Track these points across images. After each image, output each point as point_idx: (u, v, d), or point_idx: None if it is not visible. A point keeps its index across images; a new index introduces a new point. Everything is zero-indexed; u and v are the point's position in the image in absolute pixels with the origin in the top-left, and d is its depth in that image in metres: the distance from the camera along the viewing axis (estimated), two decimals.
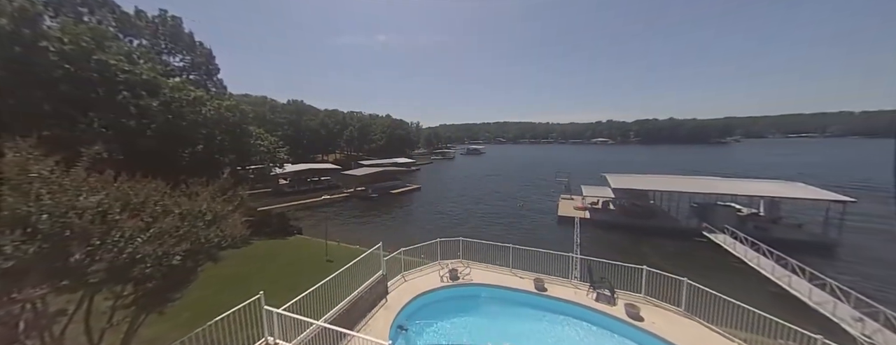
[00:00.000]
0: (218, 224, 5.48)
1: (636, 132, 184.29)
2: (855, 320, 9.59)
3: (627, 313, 8.16)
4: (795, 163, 65.23)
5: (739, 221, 20.48)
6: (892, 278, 14.77)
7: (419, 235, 18.47)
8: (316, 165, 50.37)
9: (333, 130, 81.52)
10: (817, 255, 16.62)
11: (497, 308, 9.37)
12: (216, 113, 16.68)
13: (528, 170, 65.47)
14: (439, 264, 11.10)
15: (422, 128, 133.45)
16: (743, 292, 8.77)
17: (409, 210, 32.07)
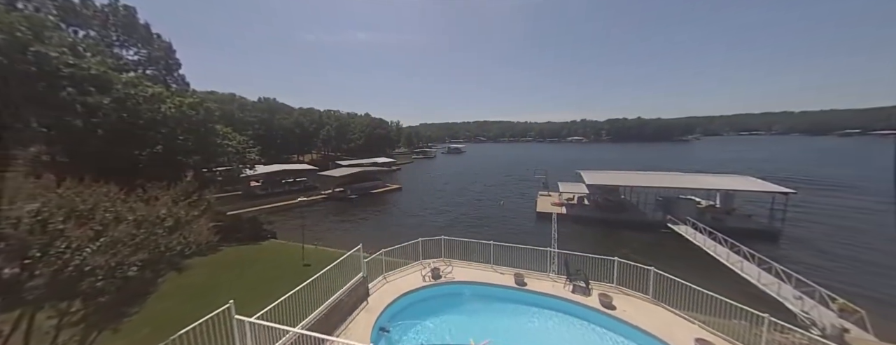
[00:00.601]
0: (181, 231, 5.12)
1: (607, 131, 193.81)
2: (796, 298, 10.72)
3: (601, 303, 8.60)
4: (746, 158, 71.67)
5: (699, 213, 22.18)
6: (825, 260, 16.68)
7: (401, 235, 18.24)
8: (291, 165, 48.32)
9: (309, 129, 78.66)
10: (765, 241, 18.39)
11: (479, 305, 9.51)
12: (177, 111, 15.52)
13: (507, 168, 66.79)
14: (421, 263, 11.07)
15: (402, 127, 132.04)
16: (703, 277, 9.53)
17: (390, 210, 31.67)
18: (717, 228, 17.19)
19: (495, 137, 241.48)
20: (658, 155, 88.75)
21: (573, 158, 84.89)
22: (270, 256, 15.97)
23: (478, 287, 9.96)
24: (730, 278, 13.35)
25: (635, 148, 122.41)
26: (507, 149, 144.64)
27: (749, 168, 47.75)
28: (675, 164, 61.19)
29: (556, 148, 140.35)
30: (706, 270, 14.54)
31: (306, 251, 15.52)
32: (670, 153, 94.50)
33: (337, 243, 17.98)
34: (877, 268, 15.57)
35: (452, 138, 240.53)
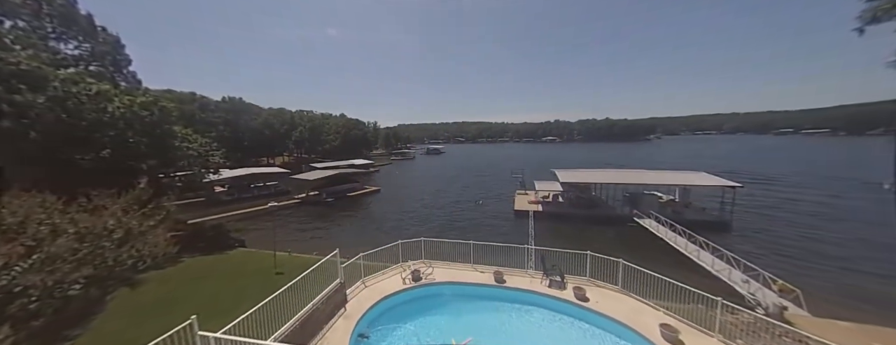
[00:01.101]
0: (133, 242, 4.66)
1: (579, 131, 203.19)
2: (744, 282, 11.86)
3: (575, 296, 8.99)
4: (700, 156, 78.22)
5: (661, 207, 23.88)
6: (767, 246, 18.62)
7: (380, 238, 17.93)
8: (260, 169, 45.80)
9: (280, 130, 75.07)
10: (717, 231, 20.18)
11: (460, 305, 9.57)
12: (128, 111, 14.17)
13: (486, 167, 67.88)
14: (401, 266, 10.95)
15: (379, 128, 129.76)
16: (666, 266, 10.28)
17: (368, 213, 30.97)
18: (676, 220, 18.62)
19: (474, 138, 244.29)
20: (625, 153, 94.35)
21: (548, 157, 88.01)
22: (238, 266, 15.02)
23: (458, 287, 10.03)
24: (689, 266, 14.49)
25: (604, 147, 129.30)
26: (486, 149, 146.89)
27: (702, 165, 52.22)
28: (639, 161, 65.44)
29: (531, 148, 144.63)
30: (668, 259, 15.66)
31: (279, 259, 14.78)
32: (635, 152, 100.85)
33: (312, 249, 17.29)
34: (806, 251, 17.64)
35: (431, 139, 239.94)
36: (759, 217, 24.35)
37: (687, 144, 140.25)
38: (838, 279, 14.11)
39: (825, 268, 15.40)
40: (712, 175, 25.93)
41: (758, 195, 30.96)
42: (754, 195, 30.51)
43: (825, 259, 16.45)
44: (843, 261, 16.11)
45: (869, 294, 12.63)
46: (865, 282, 13.83)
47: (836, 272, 14.88)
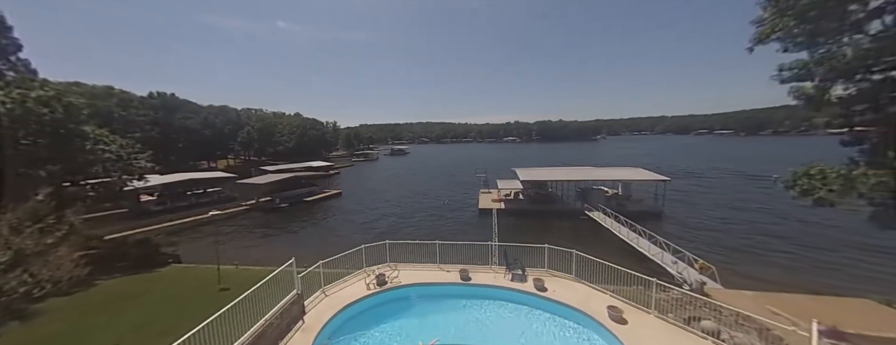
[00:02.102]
0: (26, 266, 3.83)
1: (537, 131, 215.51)
2: (673, 262, 13.67)
3: (535, 287, 9.53)
4: (637, 153, 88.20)
5: (607, 201, 26.42)
6: (689, 230, 21.64)
7: (342, 244, 17.08)
8: (199, 174, 40.79)
9: (223, 130, 67.57)
10: (652, 220, 22.94)
11: (427, 306, 9.56)
12: (18, 107, 11.62)
13: (451, 167, 68.60)
14: (365, 271, 10.59)
15: (340, 128, 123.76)
16: (612, 254, 11.40)
17: (328, 219, 29.34)
18: (620, 212, 20.78)
19: (438, 138, 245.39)
20: (577, 152, 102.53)
21: (509, 156, 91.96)
22: (173, 285, 13.22)
23: (425, 288, 10.01)
24: (631, 252, 16.27)
25: (559, 146, 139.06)
26: (451, 149, 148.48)
27: (639, 162, 58.91)
28: (589, 159, 71.65)
29: (494, 148, 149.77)
30: (614, 247, 17.42)
31: (224, 273, 13.31)
32: (585, 150, 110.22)
33: (265, 260, 15.90)
34: (717, 234, 20.93)
35: (395, 139, 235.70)
36: (684, 206, 28.25)
37: (627, 143, 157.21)
38: (742, 256, 16.97)
39: (732, 247, 18.41)
40: (647, 171, 29.39)
41: (680, 187, 35.90)
42: (678, 187, 35.30)
43: (731, 240, 19.69)
44: (744, 241, 19.44)
45: (764, 268, 15.41)
46: (762, 258, 16.85)
47: (741, 251, 17.88)
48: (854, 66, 7.09)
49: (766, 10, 7.79)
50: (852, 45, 7.09)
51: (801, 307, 9.36)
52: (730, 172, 47.84)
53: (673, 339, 7.24)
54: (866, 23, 7.02)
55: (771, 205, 26.66)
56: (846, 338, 8.06)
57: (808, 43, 7.54)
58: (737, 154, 76.79)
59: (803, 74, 7.78)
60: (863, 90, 7.35)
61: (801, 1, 6.96)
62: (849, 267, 15.05)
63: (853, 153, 7.91)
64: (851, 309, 9.68)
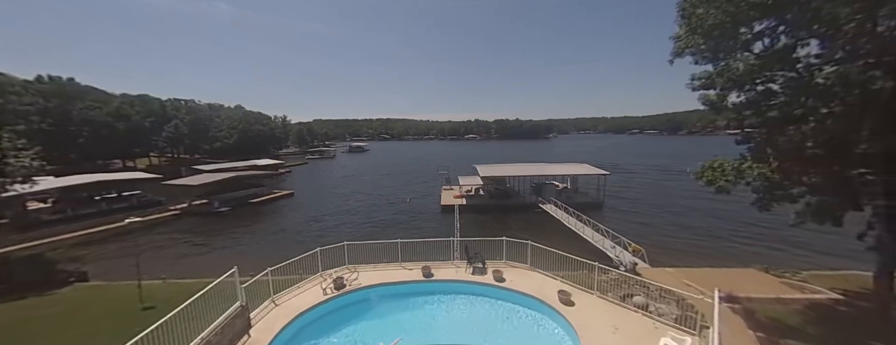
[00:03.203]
0: None
1: (496, 129, 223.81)
2: (611, 247, 15.38)
3: (494, 278, 9.97)
4: (582, 151, 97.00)
5: (558, 194, 28.67)
6: (623, 218, 24.50)
7: (295, 248, 15.85)
8: (112, 175, 34.38)
9: (143, 124, 57.81)
10: (595, 210, 25.51)
11: (389, 306, 9.40)
12: None
13: (413, 165, 67.90)
14: (321, 275, 10.02)
15: (290, 123, 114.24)
16: (562, 243, 12.38)
17: (278, 222, 27.00)
18: (569, 204, 22.69)
19: (399, 135, 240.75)
20: (532, 149, 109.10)
21: (470, 153, 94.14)
22: (77, 309, 11.04)
23: (386, 288, 9.82)
24: (578, 240, 17.88)
25: (516, 144, 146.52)
26: (412, 147, 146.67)
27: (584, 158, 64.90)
28: (543, 156, 76.71)
29: (455, 145, 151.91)
30: (564, 236, 18.98)
31: (148, 290, 11.49)
32: (540, 148, 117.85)
33: (202, 272, 14.07)
34: (646, 220, 24.10)
35: (354, 136, 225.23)
36: (620, 196, 31.90)
37: (574, 141, 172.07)
38: (665, 238, 19.76)
39: (657, 231, 21.34)
40: (591, 166, 32.48)
41: (617, 180, 40.44)
42: (615, 181, 39.68)
43: (657, 224, 22.81)
44: (666, 225, 22.66)
45: (681, 247, 18.15)
46: (679, 239, 19.80)
47: (664, 234, 20.80)
48: (744, 78, 8.65)
49: (682, 29, 9.07)
50: (743, 61, 8.63)
51: (707, 279, 11.25)
52: (654, 167, 55.24)
53: (611, 315, 8.16)
54: (752, 43, 8.58)
55: (685, 194, 31.45)
56: (738, 301, 9.87)
57: (711, 58, 8.98)
58: (660, 151, 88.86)
59: (708, 84, 9.25)
60: (750, 98, 9.01)
61: (707, 22, 8.24)
62: (741, 244, 18.50)
63: (743, 150, 9.68)
64: (742, 277, 11.93)
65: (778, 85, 8.68)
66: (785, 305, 9.85)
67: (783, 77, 8.56)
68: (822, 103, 7.77)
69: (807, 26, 7.65)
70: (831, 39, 7.72)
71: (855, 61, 7.53)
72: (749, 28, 8.36)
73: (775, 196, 8.76)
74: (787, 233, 16.93)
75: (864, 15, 6.94)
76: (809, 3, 7.13)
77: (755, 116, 8.89)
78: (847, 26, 7.25)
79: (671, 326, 7.61)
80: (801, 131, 7.83)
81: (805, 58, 8.23)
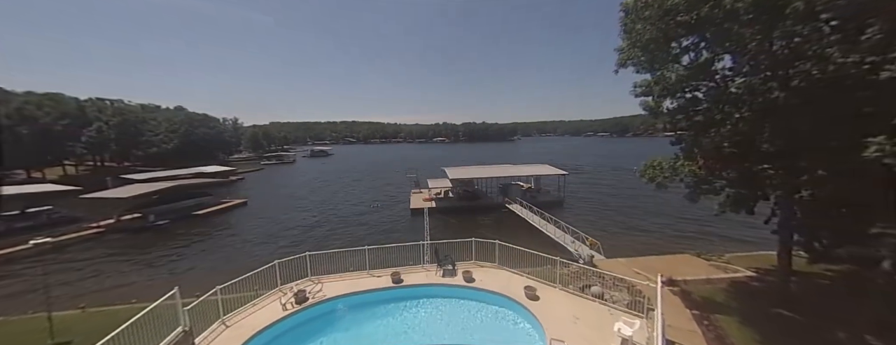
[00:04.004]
0: None
1: (464, 132, 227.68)
2: (571, 242, 16.40)
3: (464, 278, 10.07)
4: (544, 152, 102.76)
5: (523, 194, 29.95)
6: (581, 214, 26.30)
7: (249, 263, 14.53)
8: (13, 188, 28.64)
9: (54, 127, 49.18)
10: (556, 208, 27.07)
11: (356, 316, 9.01)
12: None
13: (381, 169, 66.25)
14: (280, 290, 9.32)
15: (242, 126, 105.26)
16: (527, 240, 12.96)
17: (229, 234, 24.58)
18: (533, 203, 23.79)
19: (366, 138, 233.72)
20: (498, 151, 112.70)
21: (439, 156, 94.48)
22: None
23: (353, 298, 9.42)
24: (542, 237, 18.80)
25: (483, 146, 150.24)
26: (379, 150, 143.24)
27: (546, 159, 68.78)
28: (508, 158, 79.61)
29: (424, 148, 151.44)
30: (529, 234, 19.84)
31: (62, 322, 9.74)
32: (505, 150, 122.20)
33: (133, 296, 12.29)
34: (602, 215, 26.16)
35: (316, 140, 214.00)
36: (577, 194, 34.27)
37: (536, 143, 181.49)
38: (618, 231, 21.58)
39: (611, 224, 23.24)
40: (552, 166, 34.45)
41: (575, 179, 43.46)
42: (573, 180, 42.60)
43: (610, 218, 24.86)
44: (618, 219, 24.79)
45: (631, 238, 19.94)
46: (630, 232, 21.75)
47: (617, 227, 22.71)
48: (675, 86, 9.84)
49: (624, 42, 10.08)
50: (674, 71, 9.82)
51: (652, 266, 12.49)
52: (607, 167, 60.32)
53: (572, 306, 8.69)
54: (681, 56, 9.81)
55: (632, 191, 34.73)
56: (677, 284, 11.06)
57: (649, 68, 10.08)
58: (610, 152, 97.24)
59: (647, 91, 10.37)
60: (680, 104, 10.28)
61: (644, 37, 9.26)
62: (678, 232, 20.87)
63: (677, 150, 10.98)
64: (679, 263, 13.44)
65: (702, 93, 10.02)
66: (713, 284, 11.31)
67: (705, 86, 9.90)
68: (735, 109, 9.13)
69: (721, 44, 8.94)
70: (740, 55, 9.12)
71: (757, 74, 8.98)
72: (678, 43, 9.55)
73: (702, 190, 10.05)
74: (714, 222, 19.44)
75: (763, 36, 8.31)
76: (722, 23, 8.34)
77: (685, 119, 10.14)
78: (750, 45, 8.61)
79: (623, 311, 8.31)
80: (720, 133, 9.11)
81: (721, 70, 9.61)
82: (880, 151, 5.13)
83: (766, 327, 8.79)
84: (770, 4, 7.39)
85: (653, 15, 8.75)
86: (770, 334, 8.53)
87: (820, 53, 7.73)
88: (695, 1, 8.01)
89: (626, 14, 9.77)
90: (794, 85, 8.27)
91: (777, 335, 8.46)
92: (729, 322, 9.08)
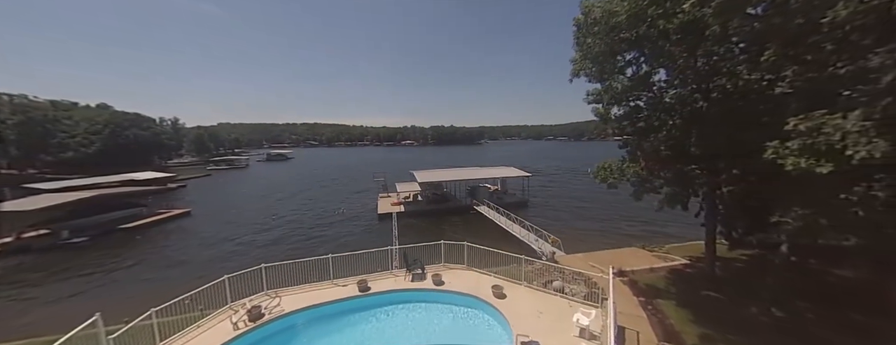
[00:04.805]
0: None
1: (432, 135, 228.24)
2: (535, 240, 17.23)
3: (433, 282, 10.06)
4: (509, 155, 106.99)
5: (490, 195, 30.80)
6: (543, 213, 27.77)
7: (193, 280, 12.94)
8: None
9: None
10: (522, 208, 28.27)
11: (319, 329, 8.53)
12: None
13: (346, 173, 63.64)
14: (230, 308, 8.49)
15: (184, 127, 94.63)
16: (495, 240, 13.33)
17: (169, 249, 21.80)
18: (499, 204, 24.57)
19: (330, 141, 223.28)
20: (467, 154, 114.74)
21: (407, 159, 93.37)
22: None
23: (316, 310, 8.91)
24: (508, 236, 19.47)
25: (451, 149, 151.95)
26: (345, 153, 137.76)
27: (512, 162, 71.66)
28: (477, 160, 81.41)
29: (392, 151, 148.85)
30: (497, 234, 20.43)
31: None
32: (473, 153, 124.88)
33: (42, 328, 10.33)
34: (561, 214, 27.87)
35: (274, 142, 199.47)
36: (540, 196, 36.16)
37: (502, 146, 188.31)
38: (576, 229, 23.13)
39: (571, 222, 24.84)
40: (517, 169, 35.97)
41: (538, 181, 45.84)
42: (537, 181, 44.89)
43: (569, 217, 26.58)
44: (576, 217, 26.60)
45: (588, 235, 21.48)
46: (586, 228, 23.41)
47: (576, 224, 24.32)
48: (621, 96, 10.92)
49: (577, 54, 10.95)
50: (620, 82, 10.90)
51: (606, 259, 13.60)
52: (566, 169, 64.59)
53: (536, 301, 9.12)
54: (625, 69, 10.92)
55: (586, 192, 37.55)
56: (626, 274, 12.13)
57: (598, 78, 11.06)
58: (569, 155, 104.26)
59: (597, 99, 11.37)
60: (625, 112, 11.42)
61: (594, 50, 10.16)
62: (628, 227, 22.98)
63: (624, 153, 12.15)
64: (628, 255, 14.80)
65: (643, 102, 11.23)
66: (655, 273, 12.64)
67: (646, 96, 11.12)
68: (669, 117, 10.37)
69: (657, 59, 10.14)
70: (672, 70, 10.42)
71: (686, 86, 10.32)
72: (622, 57, 10.62)
73: (645, 188, 11.22)
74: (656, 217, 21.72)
75: (689, 53, 9.59)
76: (657, 41, 9.48)
77: (629, 125, 11.27)
78: (679, 61, 9.88)
79: (581, 302, 8.92)
80: (658, 138, 10.28)
81: (658, 82, 10.88)
82: (775, 154, 6.19)
83: (698, 308, 10.03)
84: (694, 27, 8.57)
85: (601, 31, 9.65)
86: (700, 313, 9.75)
87: (732, 70, 9.14)
88: (634, 20, 9.00)
89: (578, 29, 10.63)
90: (714, 96, 9.66)
91: (706, 314, 9.69)
92: (668, 306, 10.20)
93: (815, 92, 6.84)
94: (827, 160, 5.44)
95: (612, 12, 9.16)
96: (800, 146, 5.83)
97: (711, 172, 10.17)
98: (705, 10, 7.14)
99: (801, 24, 6.04)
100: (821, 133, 5.55)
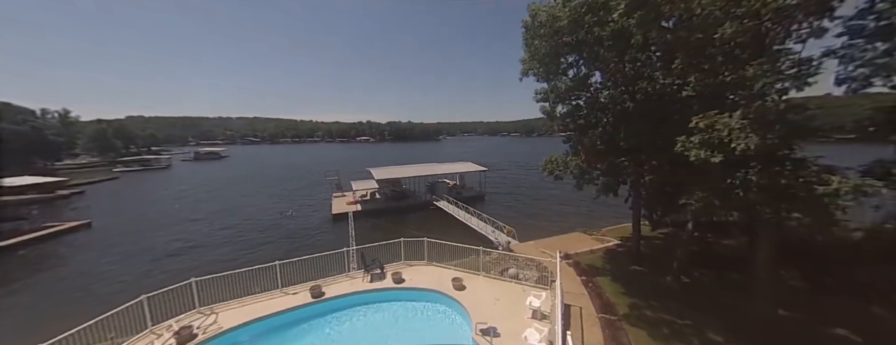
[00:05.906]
0: None
1: (389, 132, 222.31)
2: (492, 232, 18.03)
3: (393, 280, 9.91)
4: (467, 151, 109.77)
5: (449, 190, 31.27)
6: (487, 206, 29.19)
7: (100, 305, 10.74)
8: None
9: None
10: (479, 202, 29.30)
11: (266, 344, 7.81)
12: None
13: (294, 173, 58.62)
14: (152, 332, 7.32)
15: (78, 120, 77.56)
16: (454, 234, 13.61)
17: (64, 269, 17.76)
18: (458, 198, 25.11)
19: (273, 137, 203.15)
20: (425, 151, 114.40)
21: (363, 156, 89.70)
22: None
23: (261, 323, 8.14)
24: (467, 230, 20.05)
25: (409, 146, 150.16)
26: (292, 151, 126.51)
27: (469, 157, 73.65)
28: (435, 157, 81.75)
29: (346, 148, 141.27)
30: (456, 228, 20.88)
31: None
32: (432, 149, 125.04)
33: None
34: (513, 203, 29.61)
35: (203, 139, 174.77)
36: (495, 190, 37.91)
37: (460, 142, 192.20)
38: (528, 218, 24.79)
39: (523, 213, 26.53)
40: (474, 164, 37.07)
41: (494, 175, 47.96)
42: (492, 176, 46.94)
43: (521, 208, 28.36)
44: (528, 208, 28.49)
45: (537, 223, 23.17)
46: (536, 218, 25.23)
47: (528, 214, 26.04)
48: (564, 95, 11.90)
49: (526, 54, 11.59)
50: (563, 83, 11.86)
51: (554, 244, 14.85)
52: (518, 163, 68.67)
53: (494, 289, 9.58)
54: (567, 70, 11.90)
55: (536, 184, 40.48)
56: (570, 257, 13.37)
57: (545, 78, 11.87)
58: (521, 150, 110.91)
59: (545, 97, 12.23)
60: (568, 110, 12.49)
61: (541, 52, 10.87)
62: (573, 215, 25.36)
63: (567, 148, 13.32)
64: (572, 240, 16.36)
65: (582, 101, 12.39)
66: (594, 254, 14.22)
67: (585, 96, 12.28)
68: (603, 115, 11.60)
69: (593, 62, 11.23)
70: (605, 73, 11.66)
71: (617, 88, 11.63)
72: (565, 59, 11.53)
73: (585, 179, 12.47)
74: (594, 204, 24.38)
75: (618, 59, 10.80)
76: (593, 46, 10.49)
77: (572, 122, 12.35)
78: (610, 65, 11.08)
79: (533, 286, 9.64)
80: (595, 134, 11.45)
81: (594, 84, 12.09)
82: (682, 147, 7.39)
83: (627, 281, 11.58)
84: (622, 35, 9.67)
85: (546, 33, 10.34)
86: (629, 285, 11.29)
87: (651, 75, 10.56)
88: (574, 26, 9.83)
89: (526, 30, 11.24)
90: (638, 98, 11.06)
91: (633, 286, 11.25)
92: (604, 282, 11.59)
93: (711, 95, 8.30)
94: (718, 152, 6.66)
95: (556, 17, 9.88)
96: (700, 140, 7.03)
97: (636, 163, 11.70)
98: (631, 20, 8.11)
99: (700, 38, 7.23)
100: (714, 129, 6.77)
